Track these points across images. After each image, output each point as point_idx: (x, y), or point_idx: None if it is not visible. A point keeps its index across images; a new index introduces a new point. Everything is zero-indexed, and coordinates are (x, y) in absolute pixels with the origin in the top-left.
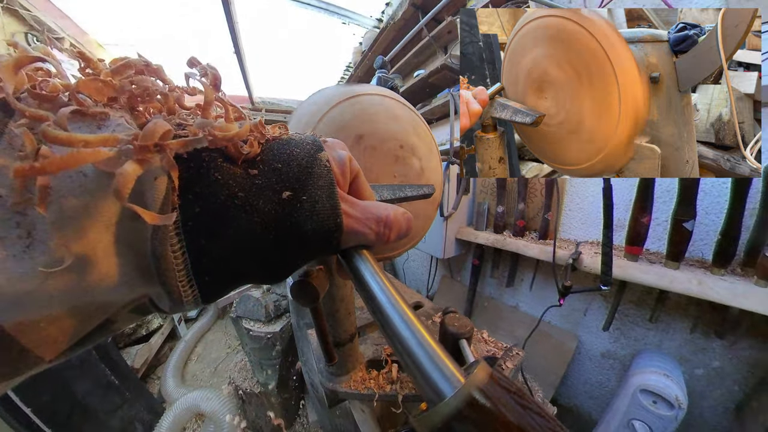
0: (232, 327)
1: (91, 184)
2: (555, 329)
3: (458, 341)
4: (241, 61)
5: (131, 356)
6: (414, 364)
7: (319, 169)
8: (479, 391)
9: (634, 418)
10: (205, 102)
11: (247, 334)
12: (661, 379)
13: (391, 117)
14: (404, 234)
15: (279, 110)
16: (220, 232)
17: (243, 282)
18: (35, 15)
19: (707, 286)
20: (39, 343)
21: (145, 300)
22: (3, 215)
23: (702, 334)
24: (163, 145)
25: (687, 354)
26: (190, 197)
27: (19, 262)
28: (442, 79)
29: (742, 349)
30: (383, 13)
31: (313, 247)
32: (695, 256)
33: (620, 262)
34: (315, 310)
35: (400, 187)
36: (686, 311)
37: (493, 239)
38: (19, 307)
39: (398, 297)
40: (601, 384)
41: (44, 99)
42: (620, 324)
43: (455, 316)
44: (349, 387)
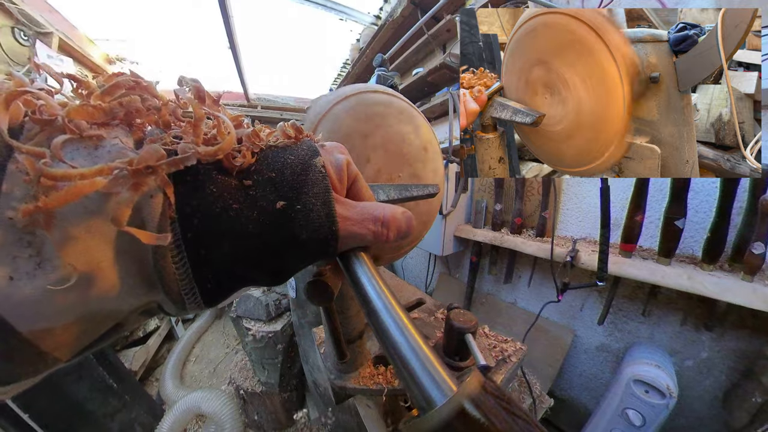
0: (230, 327)
1: (92, 204)
2: (552, 324)
3: (464, 335)
4: (236, 56)
5: (129, 358)
6: (406, 370)
7: (314, 175)
8: (470, 400)
9: (628, 407)
10: (195, 119)
11: (248, 333)
12: (653, 370)
13: (397, 116)
14: (405, 233)
15: (275, 107)
16: (218, 242)
17: (244, 285)
18: (22, 9)
19: (697, 281)
20: (55, 347)
21: (153, 305)
22: (15, 236)
23: (692, 327)
24: (155, 167)
25: (677, 346)
26: (188, 210)
27: (32, 280)
28: (441, 78)
29: (729, 340)
30: (381, 9)
31: (310, 253)
32: (686, 252)
33: (615, 258)
34: (328, 309)
35: (406, 186)
36: (677, 305)
37: (491, 236)
38: (34, 317)
39: (394, 301)
40: (596, 376)
41: (45, 123)
42: (614, 318)
43: (460, 311)
44: (358, 383)
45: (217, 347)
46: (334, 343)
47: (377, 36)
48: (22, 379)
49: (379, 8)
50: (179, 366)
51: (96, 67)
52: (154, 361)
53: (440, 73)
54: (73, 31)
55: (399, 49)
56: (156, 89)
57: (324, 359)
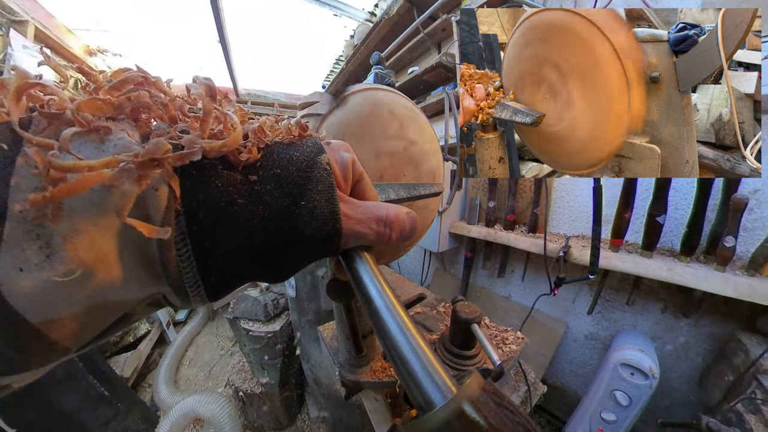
0: (223, 328)
1: (98, 197)
2: (545, 316)
3: (470, 325)
4: (225, 50)
5: (120, 365)
6: (406, 371)
7: (318, 172)
8: (470, 402)
9: (616, 389)
10: (204, 113)
11: (247, 334)
12: (637, 354)
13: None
14: (409, 233)
15: (265, 102)
16: (223, 237)
17: (248, 280)
18: None
19: (675, 272)
20: (65, 337)
21: (159, 296)
22: (24, 228)
23: (671, 314)
24: (161, 160)
25: (658, 332)
26: (194, 204)
27: (41, 271)
28: (437, 77)
29: (704, 326)
30: (376, 6)
31: (313, 250)
32: (666, 246)
33: (604, 253)
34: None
35: (414, 185)
36: (658, 295)
37: (485, 233)
38: (44, 308)
39: (395, 301)
40: (585, 362)
41: (54, 117)
42: (602, 308)
43: (465, 303)
44: (371, 377)
45: (211, 349)
46: (353, 339)
47: (372, 33)
48: (33, 368)
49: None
50: (173, 370)
51: (75, 58)
52: (146, 367)
53: (436, 72)
54: (50, 19)
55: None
56: (164, 85)
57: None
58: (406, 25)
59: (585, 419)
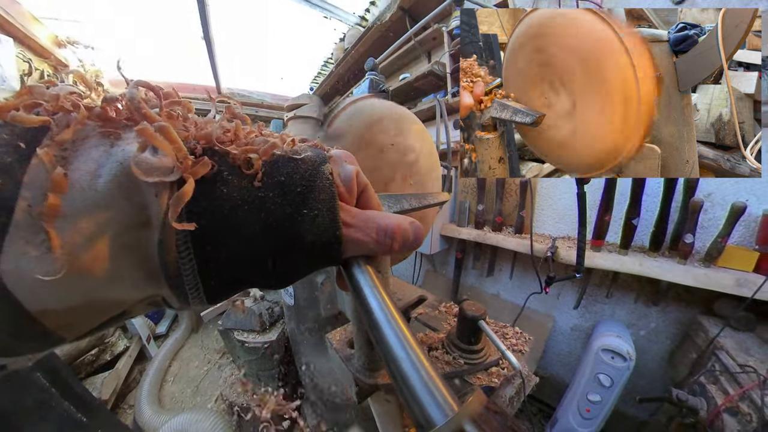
0: (209, 340)
1: (101, 199)
2: (534, 312)
3: (477, 322)
4: (210, 48)
5: (97, 386)
6: (406, 386)
7: (321, 182)
8: (471, 421)
9: (599, 373)
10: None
11: (242, 346)
12: (616, 340)
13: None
14: (412, 243)
15: (250, 103)
16: (225, 242)
17: (248, 286)
18: None
19: (645, 266)
20: (60, 327)
21: (158, 298)
22: (30, 222)
23: (642, 303)
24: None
25: (633, 319)
26: (198, 209)
27: (41, 264)
28: (428, 84)
29: (670, 312)
30: (367, 11)
31: (314, 257)
32: (638, 244)
33: (588, 252)
34: None
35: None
36: (631, 287)
37: (474, 234)
38: (42, 298)
39: (396, 314)
40: (571, 353)
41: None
42: (585, 302)
43: (470, 302)
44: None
45: (199, 363)
46: None
47: (364, 37)
48: (25, 353)
49: (365, 9)
50: (156, 388)
51: (42, 49)
52: (126, 386)
53: (427, 80)
54: (13, 6)
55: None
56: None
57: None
58: (397, 32)
59: (573, 402)
